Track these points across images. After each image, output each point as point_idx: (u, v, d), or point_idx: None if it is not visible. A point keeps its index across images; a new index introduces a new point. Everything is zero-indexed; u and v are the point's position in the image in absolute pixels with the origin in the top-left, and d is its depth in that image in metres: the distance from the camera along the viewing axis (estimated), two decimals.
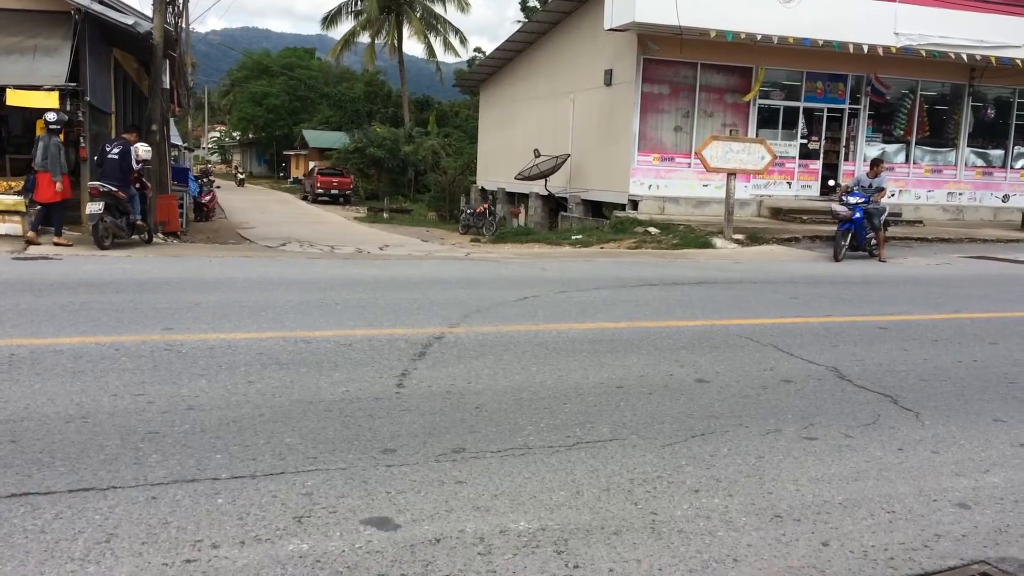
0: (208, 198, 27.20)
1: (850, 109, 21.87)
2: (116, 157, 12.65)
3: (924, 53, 20.11)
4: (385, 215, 36.06)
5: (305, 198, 46.54)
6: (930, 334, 7.63)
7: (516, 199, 26.91)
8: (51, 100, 12.79)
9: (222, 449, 4.02)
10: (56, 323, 6.59)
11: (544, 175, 22.74)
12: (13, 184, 13.27)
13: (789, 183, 21.67)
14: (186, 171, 25.64)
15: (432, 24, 50.79)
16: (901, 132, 22.62)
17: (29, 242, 12.21)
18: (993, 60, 20.78)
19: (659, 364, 6.12)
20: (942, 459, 4.36)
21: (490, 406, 4.92)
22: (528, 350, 6.37)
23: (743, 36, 18.83)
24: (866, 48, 19.63)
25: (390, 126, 48.66)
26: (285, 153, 68.59)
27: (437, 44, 50.70)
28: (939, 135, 23.14)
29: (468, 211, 28.19)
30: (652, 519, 3.50)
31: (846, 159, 22.06)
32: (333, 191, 44.50)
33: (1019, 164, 23.78)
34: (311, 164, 53.40)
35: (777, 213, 20.33)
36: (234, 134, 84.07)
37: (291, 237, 19.74)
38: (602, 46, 20.88)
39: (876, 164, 15.02)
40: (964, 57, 20.52)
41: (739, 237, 16.20)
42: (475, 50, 53.89)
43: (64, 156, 12.72)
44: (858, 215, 14.32)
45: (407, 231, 27.11)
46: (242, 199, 40.44)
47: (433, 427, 4.50)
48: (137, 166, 13.07)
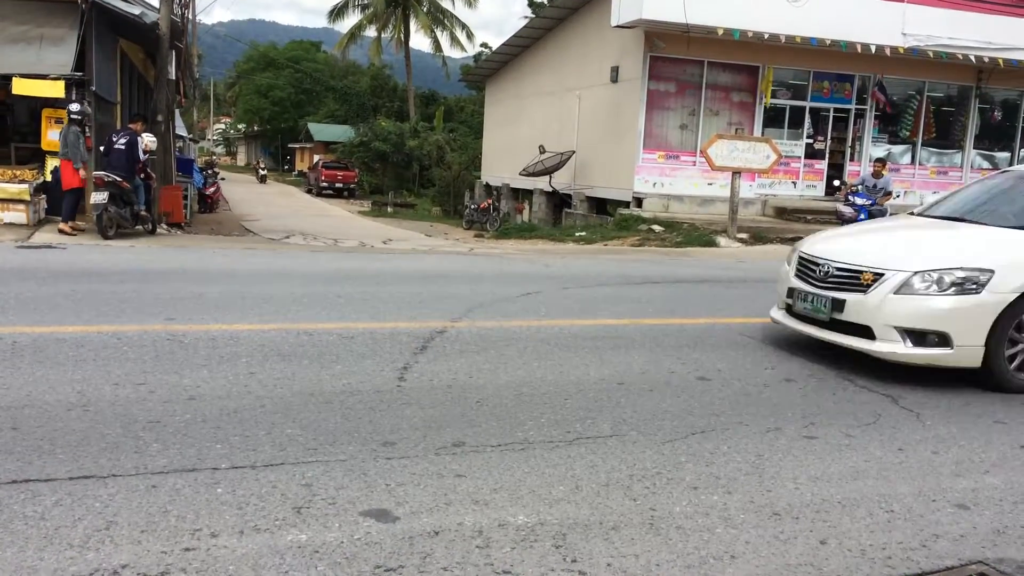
0: (212, 189, 27.23)
1: (856, 109, 21.82)
2: (123, 147, 12.66)
3: (931, 54, 20.05)
4: (389, 209, 36.06)
5: (309, 191, 46.55)
6: None
7: (520, 195, 26.89)
8: (56, 89, 12.80)
9: (222, 439, 4.02)
10: (59, 311, 6.61)
11: (548, 171, 22.72)
12: (18, 173, 13.29)
13: (794, 183, 21.63)
14: (191, 162, 25.65)
15: (439, 19, 50.74)
16: (907, 133, 22.56)
17: (62, 232, 12.25)
18: (1001, 62, 20.71)
19: (661, 361, 6.12)
20: (942, 460, 4.36)
21: (491, 401, 4.93)
22: (530, 345, 6.37)
23: (750, 35, 18.79)
24: (873, 48, 19.56)
25: (395, 120, 48.63)
26: (290, 146, 68.54)
27: (444, 39, 50.68)
28: (945, 136, 23.08)
29: (472, 206, 28.17)
30: (651, 515, 3.51)
31: (852, 159, 22.01)
32: (337, 185, 44.51)
33: None
34: (316, 157, 53.39)
35: (781, 212, 20.30)
36: (239, 126, 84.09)
37: (295, 230, 19.75)
38: (609, 43, 20.84)
39: (880, 163, 14.92)
40: (972, 58, 20.46)
41: (743, 236, 16.18)
42: (481, 45, 53.84)
43: (83, 144, 12.75)
44: (863, 217, 14.03)
45: (411, 225, 27.11)
46: (246, 191, 40.47)
47: (433, 420, 4.51)
48: (143, 157, 13.08)
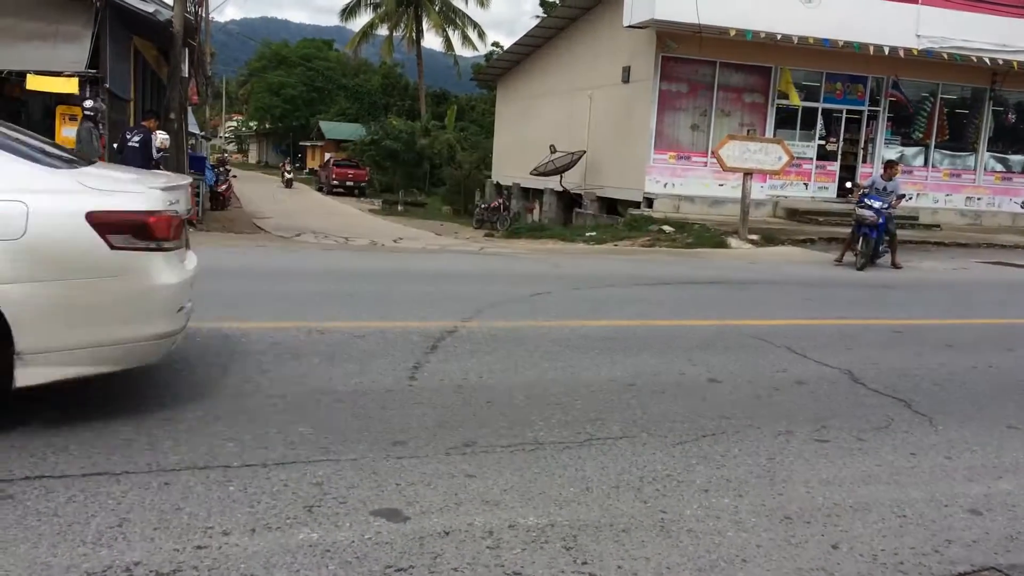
0: (224, 187, 27.31)
1: (869, 111, 21.72)
2: (137, 145, 12.74)
3: (946, 56, 19.94)
4: (400, 208, 36.11)
5: (320, 189, 46.63)
6: (945, 339, 7.58)
7: (531, 195, 26.89)
8: (71, 86, 12.88)
9: (234, 437, 4.04)
10: None
11: (559, 171, 22.71)
12: None
13: (806, 184, 21.56)
14: (203, 160, 25.76)
15: (450, 18, 50.79)
16: (920, 135, 22.44)
17: None
18: (1015, 64, 20.58)
19: (671, 363, 6.11)
20: (955, 464, 4.33)
21: (501, 401, 4.93)
22: (540, 346, 6.37)
23: (763, 35, 18.73)
24: (887, 50, 19.47)
25: (406, 119, 48.70)
26: (301, 144, 68.75)
27: (455, 38, 50.73)
28: (958, 139, 22.94)
29: (482, 206, 28.18)
30: (661, 517, 3.50)
31: (864, 161, 21.92)
32: (348, 183, 44.56)
33: None
34: (327, 155, 53.48)
35: (793, 214, 20.23)
36: (251, 124, 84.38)
37: (306, 228, 19.79)
38: (620, 43, 20.81)
39: (891, 166, 14.25)
40: (987, 60, 20.34)
41: (754, 237, 16.13)
42: (493, 44, 53.88)
43: (97, 140, 12.85)
44: (880, 222, 13.15)
45: (421, 224, 27.14)
46: (258, 189, 40.58)
47: (444, 420, 4.51)
48: (157, 154, 13.16)
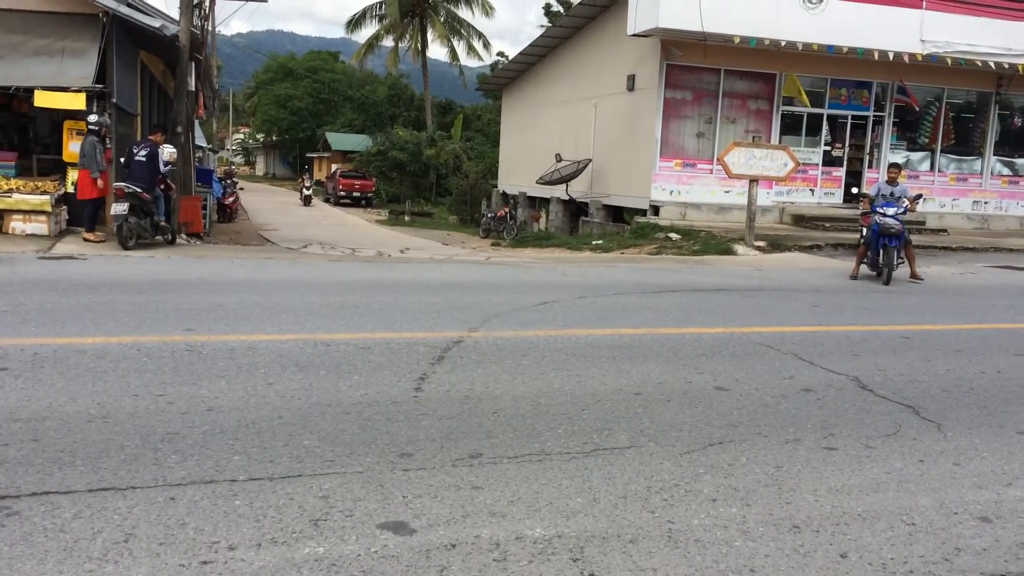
0: (231, 199, 27.41)
1: (875, 116, 21.68)
2: (144, 159, 12.79)
3: (950, 61, 19.91)
4: (406, 218, 36.15)
5: (327, 200, 46.75)
6: (953, 344, 7.54)
7: (537, 203, 26.90)
8: (78, 101, 12.94)
9: (240, 451, 4.04)
10: (80, 323, 6.66)
11: (565, 180, 22.72)
12: (40, 184, 13.44)
13: (812, 190, 21.51)
14: (210, 172, 25.84)
15: (455, 28, 50.93)
16: (926, 140, 22.38)
17: (87, 240, 12.61)
18: (1020, 68, 20.52)
19: (678, 371, 6.10)
20: (964, 471, 4.31)
21: (508, 411, 4.92)
22: (547, 355, 6.36)
23: (767, 42, 18.72)
24: (891, 55, 19.45)
25: (412, 129, 48.81)
26: (308, 155, 68.99)
27: (460, 48, 50.84)
28: (965, 143, 22.87)
29: (489, 215, 28.20)
30: (669, 528, 3.48)
31: (870, 166, 21.86)
32: (355, 194, 44.66)
33: None
34: (334, 167, 53.62)
35: (799, 220, 20.19)
36: (258, 136, 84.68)
37: (313, 239, 19.84)
38: (625, 51, 20.85)
39: (895, 169, 13.37)
40: (991, 65, 20.29)
41: (761, 244, 16.10)
42: (498, 54, 54.06)
43: (101, 154, 12.93)
44: (902, 230, 12.24)
45: (428, 234, 27.17)
46: (265, 201, 40.69)
47: (450, 431, 4.50)
48: (164, 168, 13.20)
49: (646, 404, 5.22)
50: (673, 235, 17.19)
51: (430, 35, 50.41)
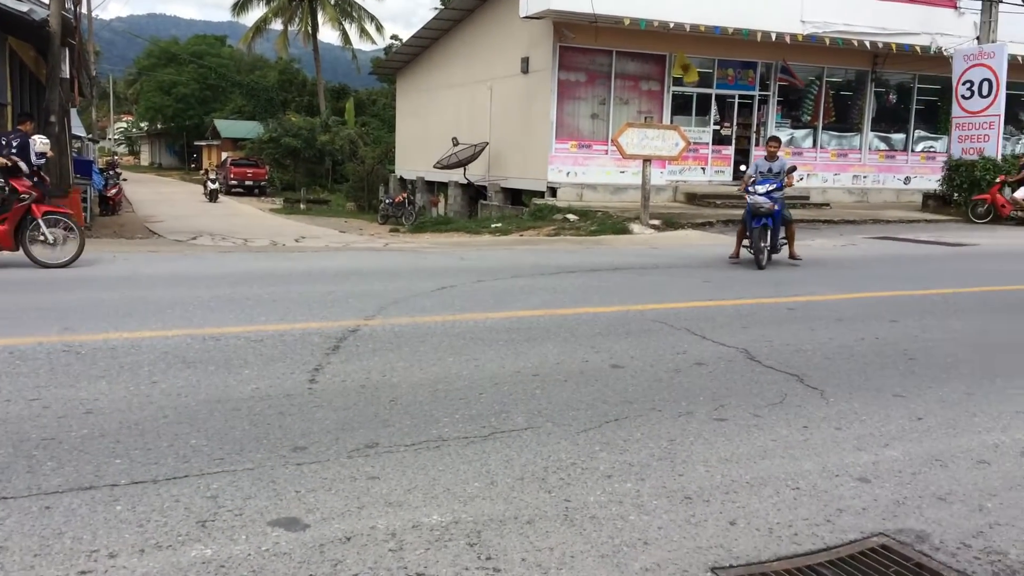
0: (114, 191, 26.23)
1: (760, 95, 22.39)
2: (15, 151, 12.06)
3: (828, 41, 20.73)
4: (302, 206, 35.39)
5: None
6: (835, 314, 7.87)
7: (435, 188, 26.75)
8: None
9: (122, 454, 3.86)
10: None
11: (463, 163, 22.67)
12: None
13: (703, 169, 22.09)
14: (90, 163, 24.66)
15: (347, 11, 50.01)
16: (808, 118, 23.28)
17: None
18: (894, 47, 21.55)
19: (575, 351, 6.16)
20: (845, 435, 4.50)
21: (405, 399, 4.87)
22: (445, 341, 6.33)
23: (656, 24, 19.08)
24: (774, 36, 20.11)
25: (305, 115, 47.75)
26: (196, 144, 66.67)
27: (352, 31, 49.99)
28: (844, 120, 23.90)
29: (386, 201, 27.89)
30: (566, 506, 3.51)
31: (757, 144, 22.56)
32: (247, 182, 43.42)
33: (919, 147, 24.74)
34: (224, 155, 51.97)
35: (692, 198, 20.71)
36: (142, 125, 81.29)
37: (202, 230, 19.19)
38: (518, 34, 20.88)
39: (775, 143, 12.15)
40: (867, 44, 21.23)
41: (655, 223, 16.44)
42: (392, 38, 53.45)
43: None
44: (776, 209, 11.20)
45: (325, 222, 26.66)
46: (151, 192, 39.14)
47: (346, 422, 4.42)
48: (37, 160, 12.49)
49: (544, 385, 5.26)
50: (571, 216, 17.37)
51: (320, 18, 49.37)
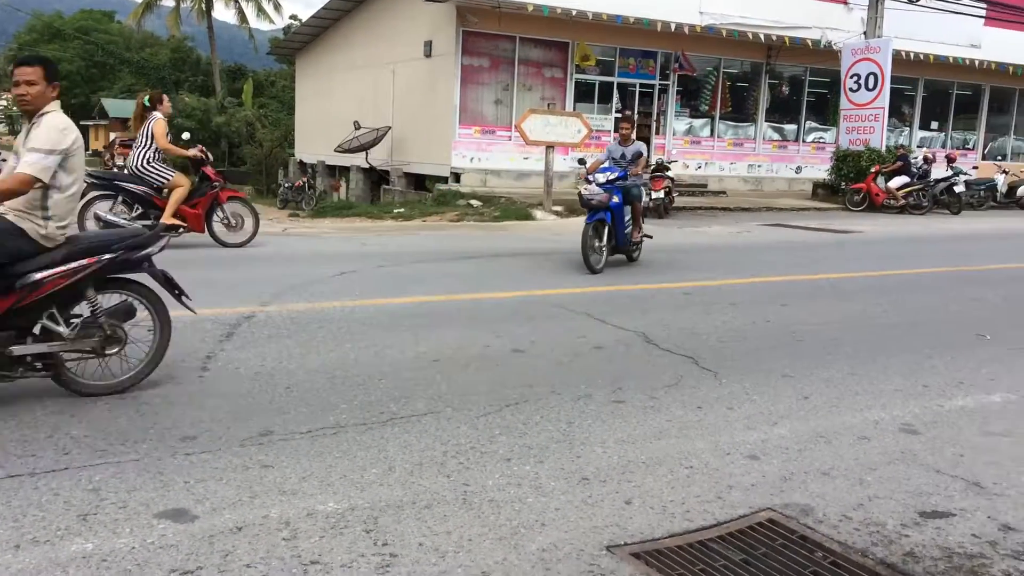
0: None
1: (660, 85, 22.82)
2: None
3: (725, 32, 21.28)
4: None
5: None
6: (729, 298, 8.11)
7: (337, 172, 26.28)
8: None
9: None
10: None
11: (364, 148, 22.31)
12: None
13: None
14: None
15: None
16: (706, 107, 23.86)
17: None
18: (787, 40, 22.29)
19: (476, 336, 6.15)
20: (736, 415, 4.64)
21: (301, 386, 4.77)
22: (344, 327, 6.23)
23: (559, 11, 19.18)
24: (673, 26, 20.49)
25: (200, 96, 46.14)
26: (83, 123, 63.63)
27: (249, 9, 48.41)
28: (740, 111, 24.59)
29: (286, 185, 27.24)
30: (464, 490, 3.51)
31: (657, 133, 23.04)
32: None
33: (810, 138, 25.69)
34: (112, 135, 49.77)
35: None
36: None
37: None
38: (421, 17, 20.65)
39: (627, 124, 10.27)
40: (761, 37, 21.89)
41: (558, 209, 16.57)
42: (291, 17, 51.94)
43: None
44: (616, 200, 9.30)
45: None
46: None
47: (239, 410, 4.30)
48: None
49: (444, 370, 5.23)
50: (474, 202, 17.34)
51: None
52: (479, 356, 5.61)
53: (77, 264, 4.19)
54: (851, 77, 21.52)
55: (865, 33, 21.59)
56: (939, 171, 21.49)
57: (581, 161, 10.66)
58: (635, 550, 3.08)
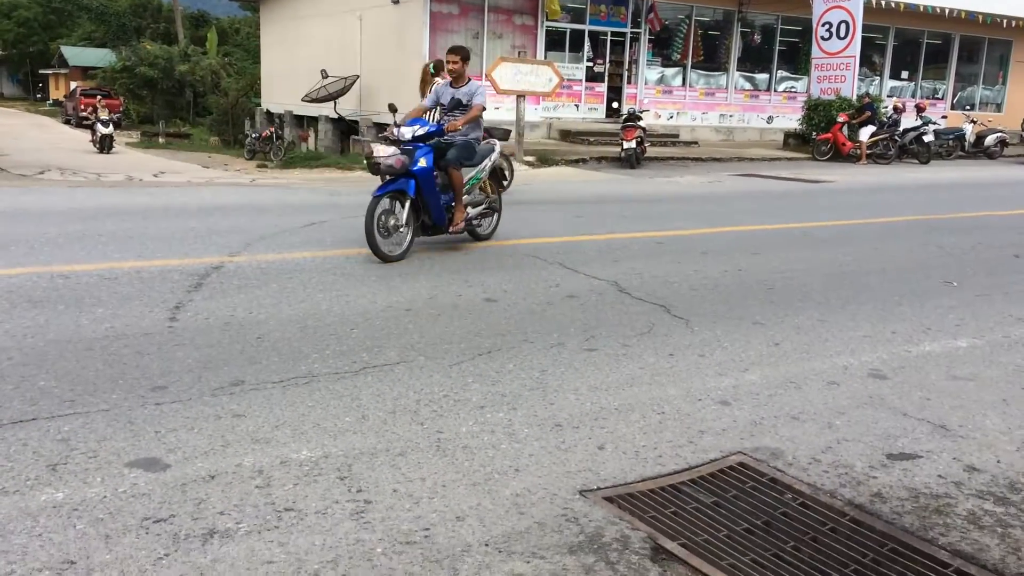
0: None
1: (632, 33, 22.58)
2: None
3: None
4: (161, 140, 33.51)
5: (68, 122, 42.34)
6: (701, 247, 8.13)
7: (305, 123, 25.84)
8: None
9: None
10: None
11: (333, 97, 21.89)
12: None
13: (577, 105, 22.21)
14: None
15: None
16: (678, 56, 23.68)
17: None
18: None
19: (448, 285, 6.13)
20: (708, 361, 4.67)
21: (273, 335, 4.73)
22: (315, 277, 6.17)
23: None
24: None
25: (162, 43, 44.98)
26: (42, 72, 61.86)
27: None
28: (712, 59, 24.45)
29: (253, 135, 26.75)
30: (438, 438, 3.51)
31: (629, 82, 22.87)
32: None
33: (781, 87, 25.64)
34: (72, 84, 48.50)
35: (566, 135, 20.83)
36: None
37: (51, 164, 17.92)
38: None
39: (456, 59, 7.79)
40: None
41: (530, 159, 16.46)
42: None
43: None
44: (423, 165, 6.99)
45: (187, 157, 25.36)
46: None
47: (210, 360, 4.26)
48: None
49: (416, 319, 5.21)
50: None
51: None
52: (451, 305, 5.59)
53: None
54: (823, 25, 21.44)
55: None
56: (909, 120, 21.59)
57: (392, 108, 8.32)
58: (608, 494, 3.11)
